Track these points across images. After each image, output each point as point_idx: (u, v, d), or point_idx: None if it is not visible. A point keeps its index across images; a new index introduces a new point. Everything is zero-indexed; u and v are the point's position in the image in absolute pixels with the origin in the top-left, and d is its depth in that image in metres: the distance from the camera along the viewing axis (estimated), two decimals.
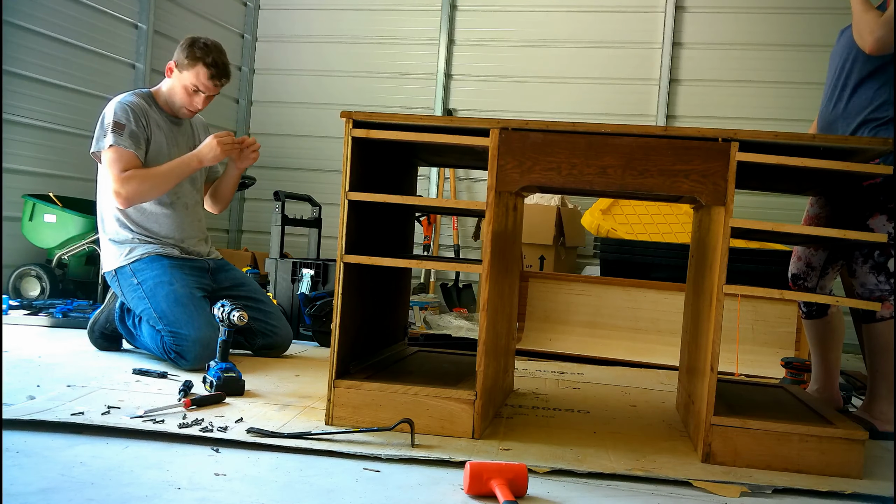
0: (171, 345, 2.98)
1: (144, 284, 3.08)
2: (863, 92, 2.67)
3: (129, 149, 3.03)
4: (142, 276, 3.09)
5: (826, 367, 2.98)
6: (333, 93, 6.81)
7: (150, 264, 3.11)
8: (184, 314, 3.00)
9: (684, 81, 6.30)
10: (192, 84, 3.12)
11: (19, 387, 2.47)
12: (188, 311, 3.01)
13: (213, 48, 3.13)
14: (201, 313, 3.03)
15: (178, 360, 2.97)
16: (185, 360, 2.96)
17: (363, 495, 1.73)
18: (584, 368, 3.72)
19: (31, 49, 4.80)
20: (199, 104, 3.17)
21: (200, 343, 2.94)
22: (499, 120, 2.28)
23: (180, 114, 3.22)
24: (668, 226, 5.03)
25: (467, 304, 5.97)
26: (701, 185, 2.20)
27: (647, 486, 1.94)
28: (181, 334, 2.96)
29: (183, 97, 3.15)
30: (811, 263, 2.92)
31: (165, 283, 3.06)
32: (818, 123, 2.91)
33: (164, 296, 3.03)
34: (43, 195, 4.76)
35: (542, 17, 6.52)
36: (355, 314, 2.43)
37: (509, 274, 2.69)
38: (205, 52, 3.09)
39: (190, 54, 3.09)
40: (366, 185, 2.42)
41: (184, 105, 3.17)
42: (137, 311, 3.10)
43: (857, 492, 1.98)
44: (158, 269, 3.10)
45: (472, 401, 2.24)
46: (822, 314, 2.92)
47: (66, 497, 1.59)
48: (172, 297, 3.03)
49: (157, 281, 3.06)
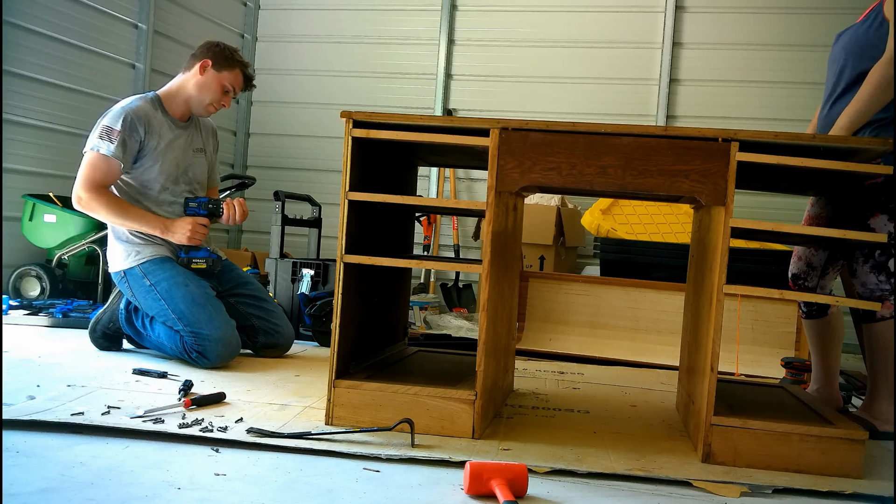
0: (192, 345, 3.02)
1: (159, 286, 3.10)
2: None
3: (111, 156, 3.06)
4: (154, 278, 3.11)
5: (826, 367, 2.98)
6: (333, 93, 6.81)
7: (161, 265, 3.13)
8: (203, 314, 3.05)
9: (684, 81, 6.30)
10: (231, 84, 3.29)
11: (19, 387, 2.47)
12: (207, 311, 3.06)
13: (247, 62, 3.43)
14: (219, 313, 3.11)
15: (200, 359, 3.02)
16: (206, 359, 3.01)
17: (363, 495, 1.73)
18: (584, 368, 3.72)
19: (30, 49, 4.80)
20: (226, 104, 3.35)
21: (222, 342, 3.02)
22: (499, 120, 2.28)
23: (205, 111, 3.30)
24: (668, 226, 5.03)
25: (467, 304, 5.97)
26: (701, 185, 2.20)
27: (647, 486, 1.94)
28: (203, 334, 3.01)
29: (217, 94, 3.27)
30: (812, 263, 2.92)
31: (181, 284, 3.10)
32: (817, 125, 2.91)
33: (181, 297, 3.07)
34: (43, 195, 4.76)
35: (542, 17, 6.52)
36: (355, 314, 2.43)
37: (509, 274, 2.69)
38: (244, 64, 3.36)
39: (233, 60, 3.29)
40: (366, 185, 2.42)
41: (213, 101, 3.29)
42: (152, 312, 3.12)
43: (857, 492, 1.98)
44: (170, 270, 3.13)
45: (472, 401, 2.24)
46: (823, 314, 2.92)
47: (66, 497, 1.59)
48: (190, 297, 3.07)
49: (172, 282, 3.09)
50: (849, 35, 2.78)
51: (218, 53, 3.26)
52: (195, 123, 3.36)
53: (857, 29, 2.75)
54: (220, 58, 3.26)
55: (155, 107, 3.21)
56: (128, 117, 3.09)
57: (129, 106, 3.13)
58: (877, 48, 2.59)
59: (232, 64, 3.28)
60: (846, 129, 2.56)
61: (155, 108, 3.20)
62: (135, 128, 3.10)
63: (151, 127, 3.15)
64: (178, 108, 3.27)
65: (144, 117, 3.13)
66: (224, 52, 3.28)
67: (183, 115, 3.29)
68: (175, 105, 3.26)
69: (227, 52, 3.29)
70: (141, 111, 3.13)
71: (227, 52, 3.29)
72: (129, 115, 3.09)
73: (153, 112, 3.18)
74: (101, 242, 4.66)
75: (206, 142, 3.41)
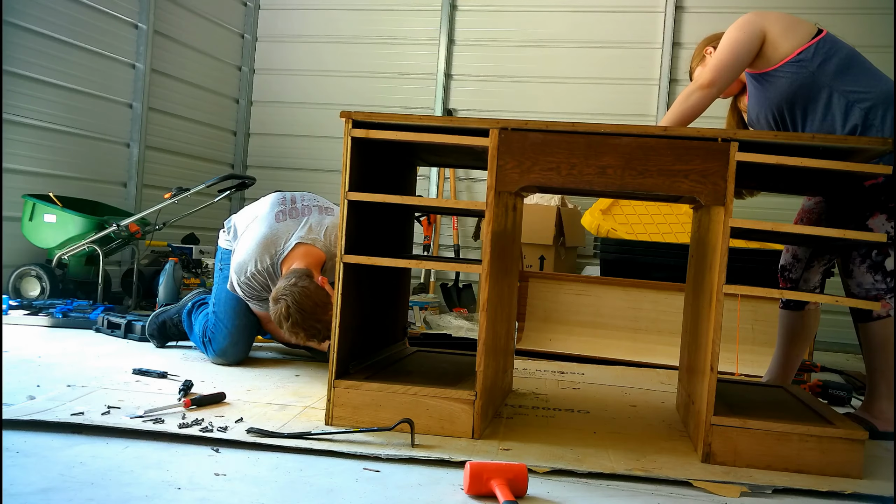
0: (211, 325, 3.18)
1: (223, 272, 3.25)
2: (821, 114, 2.64)
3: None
4: (227, 271, 3.23)
5: (785, 361, 3.02)
6: (333, 93, 6.81)
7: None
8: (234, 310, 3.17)
9: (684, 81, 6.29)
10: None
11: (19, 387, 2.47)
12: (238, 310, 3.18)
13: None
14: (247, 323, 3.20)
15: (209, 345, 3.17)
16: (212, 345, 3.16)
17: (363, 495, 1.73)
18: (584, 368, 3.72)
19: (30, 49, 4.80)
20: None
21: (231, 337, 3.14)
22: (498, 120, 2.28)
23: None
24: (668, 226, 5.03)
25: (467, 304, 5.97)
26: (700, 185, 2.20)
27: (647, 486, 1.94)
28: (222, 321, 3.16)
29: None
30: (797, 255, 2.97)
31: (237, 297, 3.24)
32: None
33: (232, 295, 3.19)
34: (43, 195, 4.76)
35: (542, 17, 6.52)
36: (355, 314, 2.43)
37: (509, 274, 2.69)
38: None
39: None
40: (365, 185, 2.42)
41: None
42: (214, 288, 3.31)
43: (857, 492, 1.98)
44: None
45: (472, 401, 2.24)
46: (800, 307, 2.95)
47: (66, 497, 1.59)
48: (235, 299, 3.19)
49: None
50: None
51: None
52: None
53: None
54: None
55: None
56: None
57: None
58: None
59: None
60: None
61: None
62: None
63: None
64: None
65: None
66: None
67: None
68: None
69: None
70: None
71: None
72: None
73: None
74: (101, 242, 4.67)
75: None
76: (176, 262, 4.41)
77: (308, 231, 3.04)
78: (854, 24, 5.74)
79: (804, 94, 2.62)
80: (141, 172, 5.70)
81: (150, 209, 4.87)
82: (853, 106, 2.56)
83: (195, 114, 6.33)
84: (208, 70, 6.47)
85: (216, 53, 6.58)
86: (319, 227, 3.07)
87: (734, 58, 2.64)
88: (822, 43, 2.62)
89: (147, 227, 4.91)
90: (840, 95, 2.57)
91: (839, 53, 2.61)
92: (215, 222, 6.31)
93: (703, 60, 2.94)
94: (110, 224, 4.69)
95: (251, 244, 3.05)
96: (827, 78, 2.58)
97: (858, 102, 2.55)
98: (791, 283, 2.98)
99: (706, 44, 2.97)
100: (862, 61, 2.63)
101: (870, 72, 2.61)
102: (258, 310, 3.17)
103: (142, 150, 5.68)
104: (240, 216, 3.30)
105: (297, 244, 3.01)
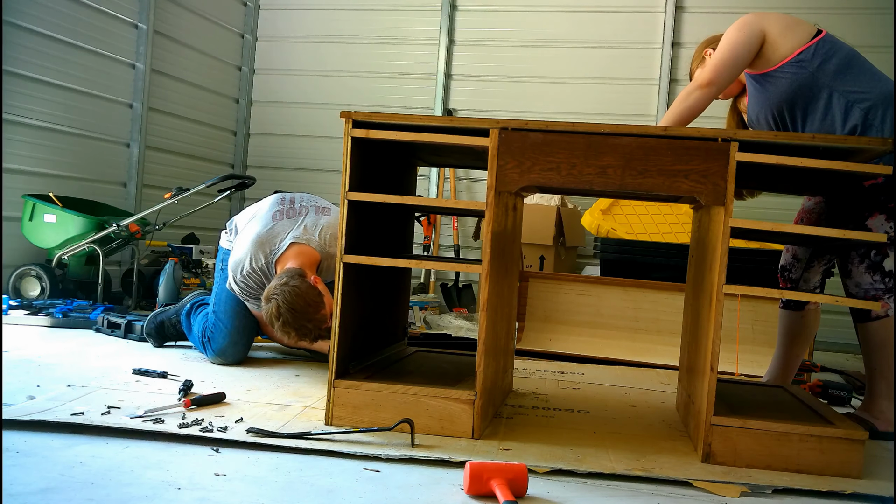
0: (210, 324, 3.18)
1: (224, 272, 3.25)
2: (821, 114, 2.65)
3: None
4: (228, 272, 3.22)
5: (785, 361, 3.02)
6: (333, 93, 6.81)
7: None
8: (233, 310, 3.18)
9: (684, 81, 6.28)
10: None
11: (19, 387, 2.47)
12: (238, 310, 3.18)
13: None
14: (247, 323, 3.20)
15: (208, 345, 3.17)
16: (211, 345, 3.16)
17: (363, 495, 1.73)
18: (584, 368, 3.72)
19: (30, 49, 4.80)
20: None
21: (231, 337, 3.14)
22: (498, 120, 2.28)
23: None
24: (668, 226, 5.03)
25: (467, 304, 5.97)
26: (701, 185, 2.20)
27: (647, 486, 1.94)
28: (221, 320, 3.16)
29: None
30: (797, 255, 2.98)
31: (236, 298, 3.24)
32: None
33: (232, 295, 3.20)
34: (43, 195, 4.76)
35: (542, 17, 6.52)
36: (355, 314, 2.43)
37: (509, 274, 2.69)
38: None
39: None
40: (365, 185, 2.42)
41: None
42: (214, 288, 3.31)
43: (857, 492, 1.98)
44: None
45: (472, 401, 2.24)
46: (799, 308, 2.96)
47: (66, 497, 1.59)
48: (236, 300, 3.19)
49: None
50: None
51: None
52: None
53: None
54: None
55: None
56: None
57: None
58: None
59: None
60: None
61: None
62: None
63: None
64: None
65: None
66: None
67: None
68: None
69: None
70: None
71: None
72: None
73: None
74: (101, 242, 4.66)
75: None
76: (176, 262, 4.42)
77: (303, 231, 3.04)
78: (854, 24, 5.74)
79: (804, 95, 2.63)
80: (141, 172, 5.69)
81: (150, 209, 4.87)
82: (853, 106, 2.56)
83: (195, 114, 6.33)
84: (208, 70, 6.47)
85: (216, 53, 6.58)
86: (315, 227, 3.07)
87: (734, 57, 2.64)
88: (822, 43, 2.62)
89: (147, 227, 4.91)
90: (840, 95, 2.57)
91: (839, 54, 2.61)
92: (215, 222, 6.32)
93: (703, 62, 2.94)
94: (110, 224, 4.69)
95: (247, 243, 3.06)
96: (827, 78, 2.58)
97: (858, 102, 2.56)
98: (791, 283, 2.98)
99: (706, 45, 2.97)
100: (862, 61, 2.63)
101: (869, 72, 2.62)
102: (255, 310, 3.17)
103: (142, 150, 5.68)
104: (241, 216, 3.30)
105: (292, 244, 3.01)
